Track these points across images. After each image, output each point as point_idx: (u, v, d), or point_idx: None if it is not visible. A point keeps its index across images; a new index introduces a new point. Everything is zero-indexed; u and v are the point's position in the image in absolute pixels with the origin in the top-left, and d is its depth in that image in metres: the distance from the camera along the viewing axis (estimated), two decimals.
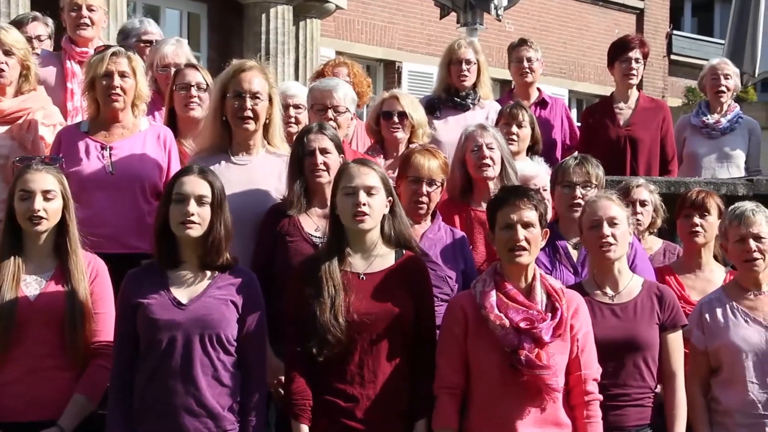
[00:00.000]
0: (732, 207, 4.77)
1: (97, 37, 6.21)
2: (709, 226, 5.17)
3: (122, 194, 5.02)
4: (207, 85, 5.57)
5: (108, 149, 5.07)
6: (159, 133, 5.23)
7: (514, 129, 6.00)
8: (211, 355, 4.12)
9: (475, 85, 6.79)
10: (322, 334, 4.14)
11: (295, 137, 4.99)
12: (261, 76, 4.92)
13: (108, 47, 5.21)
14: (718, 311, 4.66)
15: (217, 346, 4.13)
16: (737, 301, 4.69)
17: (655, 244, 5.59)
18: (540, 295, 4.21)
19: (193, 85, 5.60)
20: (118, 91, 5.05)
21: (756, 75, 9.39)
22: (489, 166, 5.27)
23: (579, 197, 4.93)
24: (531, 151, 6.15)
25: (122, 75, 5.05)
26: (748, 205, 4.71)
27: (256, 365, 4.23)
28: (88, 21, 6.10)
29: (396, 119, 5.88)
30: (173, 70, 5.92)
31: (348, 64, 6.68)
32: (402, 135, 5.89)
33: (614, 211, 4.54)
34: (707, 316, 4.66)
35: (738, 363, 4.57)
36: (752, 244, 4.63)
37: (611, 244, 4.50)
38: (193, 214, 4.15)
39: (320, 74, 6.75)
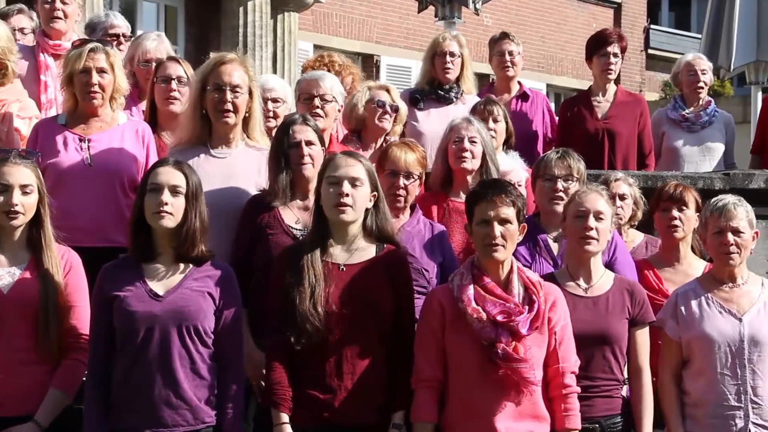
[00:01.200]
0: (714, 199, 4.78)
1: (71, 30, 6.18)
2: (687, 220, 5.19)
3: (101, 187, 5.00)
4: (188, 78, 5.56)
5: (86, 141, 5.06)
6: (137, 128, 5.22)
7: (491, 124, 6.01)
8: (188, 347, 4.12)
9: (458, 79, 6.80)
10: (300, 324, 4.15)
11: (277, 128, 4.98)
12: (241, 69, 4.92)
13: (85, 42, 5.18)
14: (693, 302, 4.68)
15: (194, 337, 4.13)
16: (712, 292, 4.70)
17: (636, 237, 5.61)
18: (517, 288, 4.23)
19: (174, 79, 5.59)
20: (96, 88, 5.03)
21: (731, 69, 9.42)
22: (467, 158, 5.29)
23: (560, 190, 4.95)
24: (506, 144, 6.16)
25: (100, 71, 5.03)
26: (730, 199, 4.72)
27: (233, 358, 4.23)
28: (61, 14, 6.07)
29: (390, 110, 5.97)
30: (154, 65, 5.90)
31: (354, 75, 6.71)
32: (388, 125, 5.98)
33: (601, 206, 4.57)
34: (682, 306, 4.68)
35: (710, 354, 4.59)
36: (730, 237, 4.64)
37: (593, 238, 4.52)
38: (166, 204, 4.14)
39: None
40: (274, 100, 5.76)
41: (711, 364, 4.58)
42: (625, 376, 4.56)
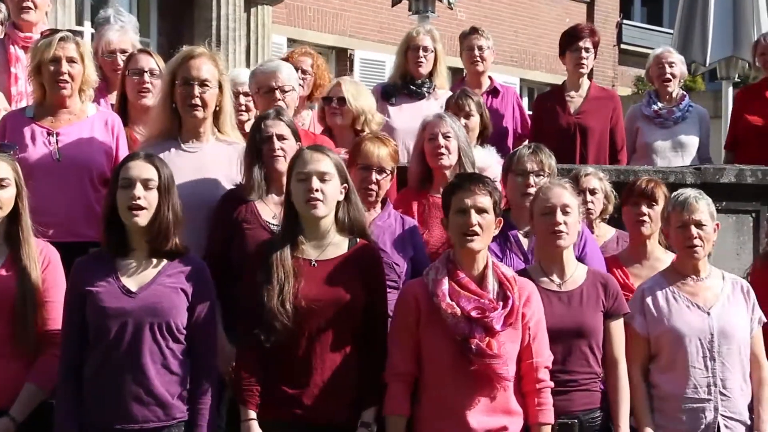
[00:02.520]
0: (675, 193, 4.81)
1: (41, 21, 6.12)
2: (656, 216, 5.21)
3: (70, 181, 4.97)
4: (160, 71, 5.52)
5: (54, 135, 5.02)
6: (107, 119, 5.18)
7: (463, 120, 6.00)
8: (160, 344, 4.10)
9: (431, 74, 6.79)
10: (269, 321, 4.14)
11: (253, 123, 4.96)
12: (210, 63, 4.89)
13: (55, 32, 5.13)
14: (660, 297, 4.70)
15: (166, 334, 4.11)
16: (677, 286, 4.73)
17: (607, 232, 5.62)
18: (492, 284, 4.23)
19: (146, 71, 5.56)
20: (66, 77, 4.99)
21: (707, 64, 9.46)
22: (444, 155, 5.29)
23: (532, 186, 4.95)
24: (481, 136, 6.15)
25: (70, 61, 4.99)
26: (691, 192, 4.75)
27: (206, 353, 4.21)
28: (31, 5, 6.02)
29: (335, 104, 5.88)
30: (119, 56, 5.87)
31: (313, 55, 6.67)
32: (340, 120, 5.89)
33: (567, 199, 4.56)
34: (649, 301, 4.70)
35: (681, 348, 4.61)
36: (694, 230, 4.66)
37: (563, 232, 4.52)
38: (139, 198, 4.11)
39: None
40: (246, 94, 5.76)
41: (681, 358, 4.60)
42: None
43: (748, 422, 4.63)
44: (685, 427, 4.58)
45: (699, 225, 4.67)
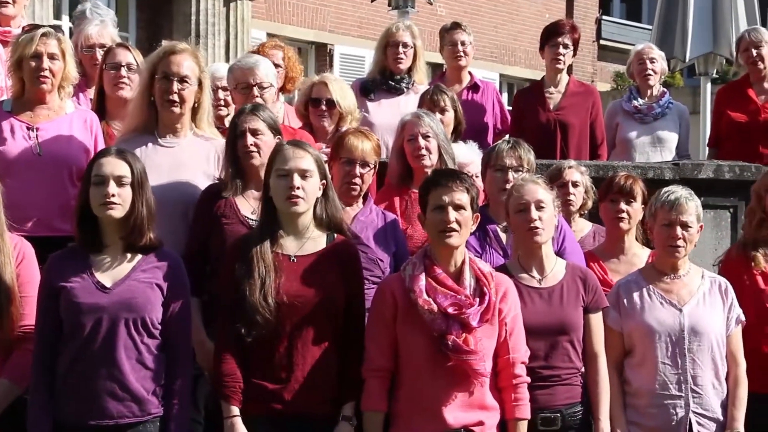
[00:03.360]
0: (666, 190, 4.79)
1: (20, 15, 6.09)
2: (633, 213, 5.22)
3: (49, 176, 4.95)
4: (137, 65, 5.50)
5: (35, 130, 5.00)
6: (86, 117, 5.17)
7: (438, 116, 5.99)
8: (135, 339, 4.09)
9: (410, 70, 6.79)
10: (250, 315, 4.13)
11: (231, 119, 4.96)
12: (191, 59, 4.89)
13: (37, 27, 5.11)
14: (635, 293, 4.71)
15: (141, 329, 4.10)
16: (654, 283, 4.74)
17: (585, 226, 5.63)
18: (469, 280, 4.23)
19: (124, 65, 5.53)
20: (47, 73, 4.97)
21: (687, 60, 9.49)
22: (425, 156, 5.28)
23: (510, 181, 4.95)
24: (455, 132, 6.14)
25: (51, 57, 4.97)
26: (682, 192, 4.74)
27: (181, 348, 4.21)
28: None
29: (324, 107, 5.87)
30: (98, 51, 5.84)
31: (283, 48, 6.65)
32: (328, 124, 5.88)
33: (541, 195, 4.56)
34: (624, 297, 4.71)
35: (651, 344, 4.62)
36: (679, 231, 4.67)
37: (539, 228, 4.52)
38: (113, 195, 4.10)
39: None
40: (225, 89, 5.73)
41: (652, 354, 4.62)
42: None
43: (722, 419, 4.64)
44: (656, 423, 4.60)
45: (685, 226, 4.68)
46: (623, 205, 5.22)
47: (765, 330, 4.98)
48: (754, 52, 7.37)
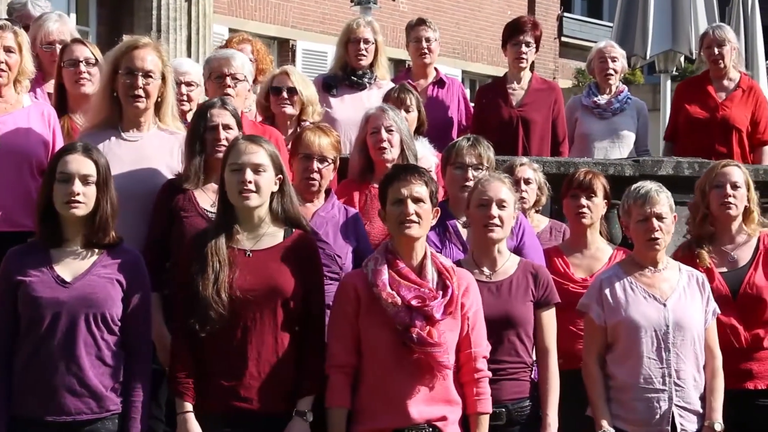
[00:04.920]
0: (635, 186, 4.84)
1: None
2: (595, 207, 5.25)
3: (8, 170, 4.90)
4: (96, 60, 5.47)
5: None
6: (43, 110, 5.12)
7: (402, 114, 6.00)
8: (95, 335, 4.08)
9: (372, 65, 6.79)
10: (203, 310, 4.12)
11: (196, 111, 4.95)
12: (155, 53, 4.86)
13: None
14: (618, 288, 4.75)
15: (101, 325, 4.09)
16: (635, 277, 4.78)
17: (541, 222, 5.67)
18: (431, 273, 4.25)
19: (82, 61, 5.49)
20: (3, 66, 4.93)
21: (647, 57, 9.57)
22: (387, 149, 5.30)
23: (471, 179, 4.97)
24: (417, 132, 6.16)
25: (8, 50, 4.93)
26: (651, 186, 4.79)
27: (141, 345, 4.19)
28: None
29: (285, 95, 5.87)
30: (58, 47, 5.79)
31: (251, 41, 6.65)
32: (291, 110, 5.88)
33: (504, 194, 4.59)
34: (607, 291, 4.74)
35: (636, 339, 4.66)
36: (655, 223, 4.71)
37: (497, 225, 4.55)
38: (78, 194, 4.08)
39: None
40: (188, 84, 5.73)
41: (637, 348, 4.66)
42: (533, 358, 4.60)
43: (701, 411, 4.70)
44: (640, 417, 4.64)
45: (660, 218, 4.72)
46: (584, 200, 5.25)
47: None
48: (716, 50, 7.43)
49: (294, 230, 4.35)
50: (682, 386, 4.66)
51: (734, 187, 5.14)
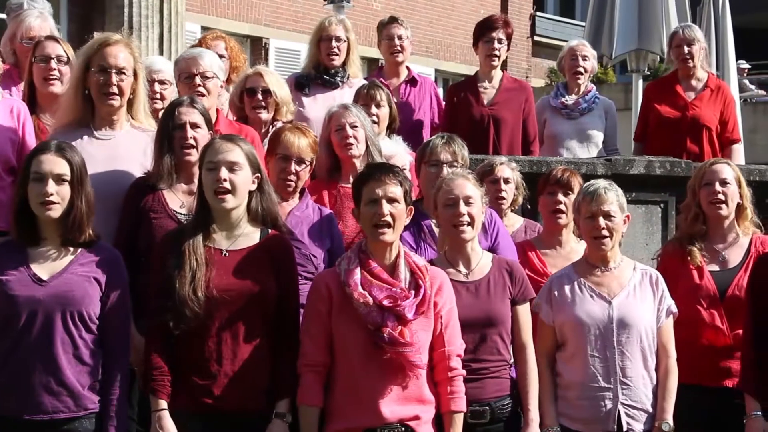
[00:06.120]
0: (586, 184, 4.85)
1: None
2: (571, 205, 5.26)
3: None
4: (68, 58, 5.43)
5: None
6: (12, 106, 5.08)
7: (373, 110, 6.01)
8: (72, 333, 4.07)
9: (344, 64, 6.79)
10: (179, 308, 4.12)
11: (164, 110, 4.92)
12: (126, 50, 4.84)
13: None
14: (566, 287, 4.76)
15: (78, 323, 4.08)
16: (585, 277, 4.78)
17: (516, 221, 5.68)
18: (404, 273, 4.26)
19: (53, 58, 5.45)
20: None
21: (613, 57, 9.62)
22: (353, 145, 5.30)
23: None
24: (389, 129, 6.17)
25: None
26: (601, 183, 4.80)
27: (119, 343, 4.19)
28: None
29: (260, 96, 5.86)
30: (34, 42, 5.74)
31: (225, 38, 6.63)
32: (266, 116, 5.88)
33: (470, 190, 4.60)
34: (556, 291, 4.75)
35: (582, 337, 4.66)
36: (602, 221, 4.71)
37: (467, 224, 4.55)
38: (52, 194, 4.07)
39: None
40: (161, 82, 5.70)
41: (582, 346, 4.66)
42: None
43: (651, 410, 4.69)
44: (586, 415, 4.64)
45: (607, 216, 4.72)
46: (560, 197, 5.26)
47: (700, 323, 5.08)
48: (686, 48, 7.47)
49: (270, 230, 4.34)
50: (629, 384, 4.65)
51: (723, 183, 5.16)
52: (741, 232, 5.24)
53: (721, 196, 5.15)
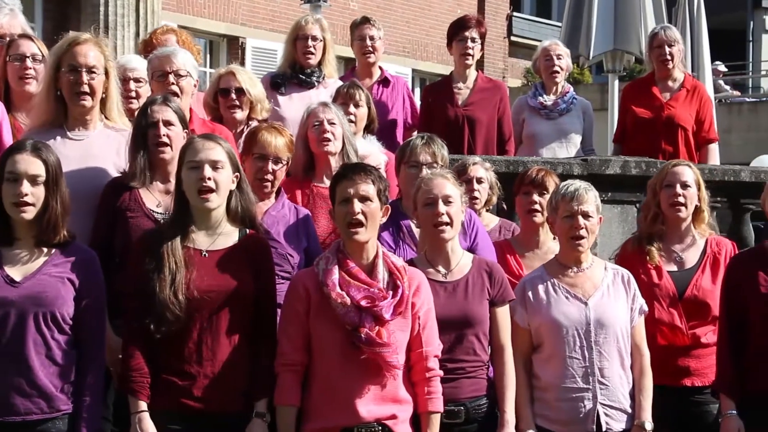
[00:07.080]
0: (564, 183, 4.86)
1: None
2: (546, 204, 5.28)
3: None
4: (43, 56, 5.40)
5: None
6: None
7: (352, 109, 6.00)
8: (44, 334, 4.04)
9: (320, 63, 6.78)
10: (160, 311, 4.10)
11: (139, 108, 4.89)
12: (96, 49, 4.81)
13: None
14: (540, 288, 4.76)
15: (51, 324, 4.05)
16: (557, 278, 4.79)
17: (491, 221, 5.69)
18: (382, 273, 4.25)
19: (28, 56, 5.41)
20: None
21: (590, 58, 9.65)
22: (330, 141, 5.28)
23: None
24: (367, 129, 6.16)
25: None
26: (580, 184, 4.80)
27: (93, 344, 4.16)
28: None
29: (234, 96, 5.84)
30: (8, 40, 5.70)
31: (176, 32, 6.58)
32: (241, 115, 5.86)
33: (449, 190, 4.59)
34: (530, 293, 4.75)
35: (558, 339, 4.67)
36: (581, 221, 4.72)
37: (446, 223, 4.55)
38: (26, 195, 4.04)
39: (148, 43, 6.58)
40: (136, 80, 5.67)
41: (559, 348, 4.66)
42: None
43: (629, 410, 4.70)
44: (564, 416, 4.64)
45: (586, 216, 4.73)
46: (536, 197, 5.27)
47: (657, 322, 5.09)
48: (667, 49, 7.47)
49: (248, 230, 4.33)
50: (607, 384, 4.66)
51: (684, 186, 5.19)
52: (697, 234, 5.28)
53: (681, 199, 5.19)
